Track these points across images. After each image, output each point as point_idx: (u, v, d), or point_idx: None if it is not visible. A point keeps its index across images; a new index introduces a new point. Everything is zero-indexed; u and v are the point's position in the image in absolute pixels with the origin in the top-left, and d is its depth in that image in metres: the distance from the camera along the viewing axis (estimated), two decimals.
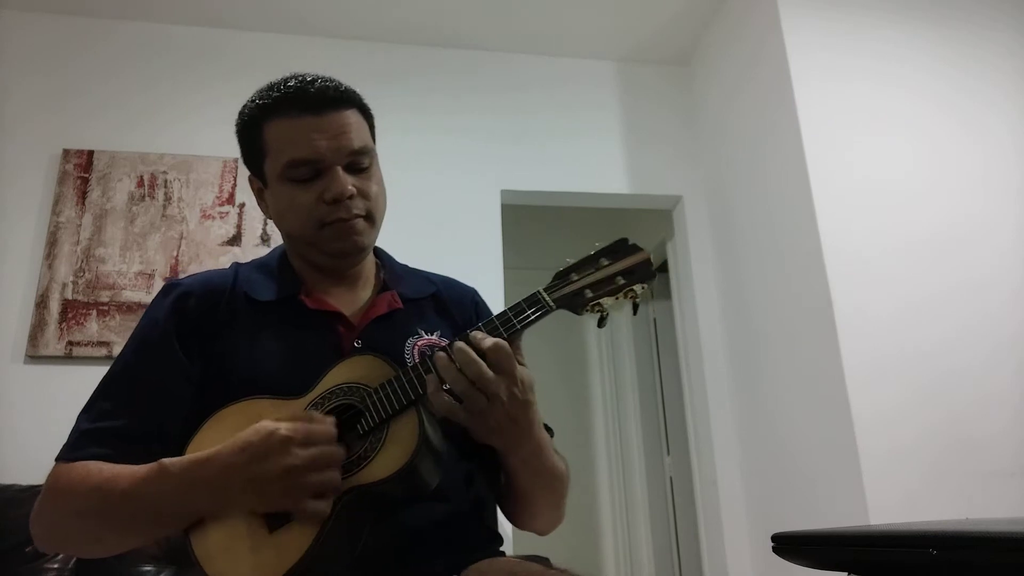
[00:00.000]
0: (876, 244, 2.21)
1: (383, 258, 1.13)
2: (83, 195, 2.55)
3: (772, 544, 0.94)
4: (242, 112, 1.01)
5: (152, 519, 0.85)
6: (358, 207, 0.97)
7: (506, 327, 0.86)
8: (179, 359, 0.94)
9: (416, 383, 0.84)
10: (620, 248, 0.92)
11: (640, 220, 3.71)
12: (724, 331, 2.82)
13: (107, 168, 2.59)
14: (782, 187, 2.42)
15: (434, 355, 0.84)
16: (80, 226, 2.51)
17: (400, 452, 0.81)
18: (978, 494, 1.95)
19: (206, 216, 2.61)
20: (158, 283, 2.50)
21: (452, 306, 1.09)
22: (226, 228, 2.61)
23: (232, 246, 2.59)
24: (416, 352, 0.98)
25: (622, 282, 0.89)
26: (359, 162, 0.98)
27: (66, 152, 2.58)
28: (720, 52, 2.91)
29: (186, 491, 0.81)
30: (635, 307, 0.91)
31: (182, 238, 2.57)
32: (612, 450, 3.90)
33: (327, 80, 1.00)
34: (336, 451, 0.79)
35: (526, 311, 0.87)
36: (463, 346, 0.82)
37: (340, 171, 0.95)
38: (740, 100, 2.75)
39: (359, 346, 0.96)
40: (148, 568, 1.93)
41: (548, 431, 1.03)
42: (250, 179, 1.05)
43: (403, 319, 1.02)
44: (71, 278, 2.45)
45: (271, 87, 0.99)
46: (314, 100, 0.96)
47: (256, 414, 0.86)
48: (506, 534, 1.04)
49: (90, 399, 0.94)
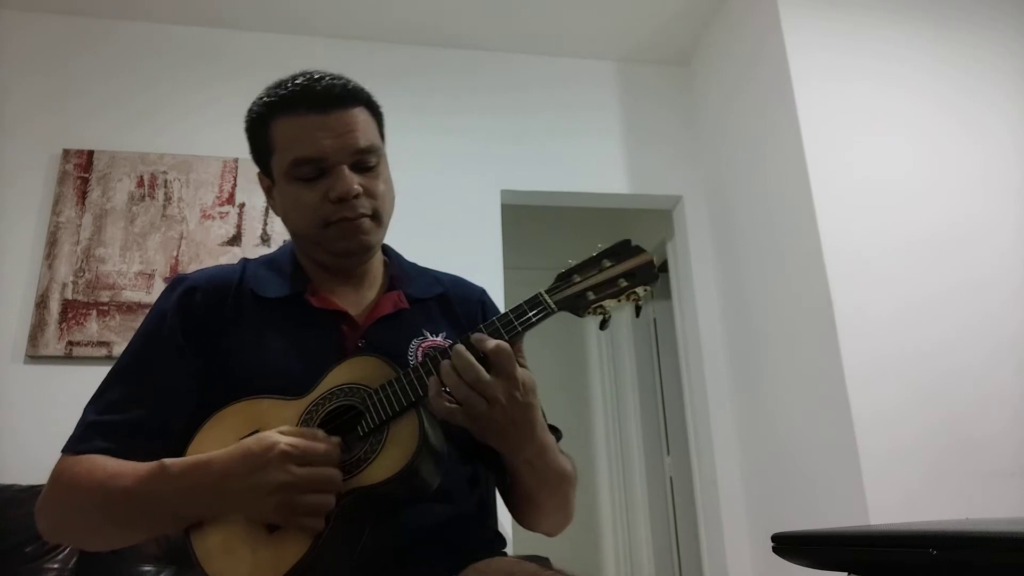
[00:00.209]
0: (876, 244, 2.21)
1: (392, 256, 1.12)
2: (83, 195, 2.55)
3: (772, 544, 0.94)
4: (250, 109, 1.01)
5: (151, 518, 0.85)
6: (364, 206, 0.96)
7: (507, 329, 0.85)
8: (184, 354, 0.94)
9: (416, 385, 0.83)
10: (623, 250, 0.91)
11: (640, 220, 3.71)
12: (724, 331, 2.82)
13: (107, 168, 2.59)
14: (782, 187, 2.42)
15: (435, 358, 0.84)
16: (80, 226, 2.51)
17: (400, 454, 0.80)
18: (978, 494, 1.95)
19: (206, 216, 2.61)
20: (158, 283, 2.50)
21: (458, 307, 1.08)
22: (226, 228, 2.61)
23: (232, 246, 2.59)
24: (420, 353, 0.98)
25: (624, 284, 0.88)
26: (366, 161, 0.97)
27: (66, 152, 2.58)
28: (720, 52, 2.91)
29: (184, 494, 0.81)
30: (637, 309, 0.90)
31: (182, 238, 2.57)
32: (612, 450, 3.90)
33: (335, 78, 0.98)
34: (333, 474, 0.78)
35: (527, 313, 0.86)
36: (461, 350, 0.82)
37: (346, 170, 0.94)
38: (740, 100, 2.75)
39: (362, 346, 0.96)
40: (148, 568, 1.93)
41: (556, 432, 1.03)
42: (259, 176, 1.04)
43: (408, 319, 1.02)
44: (71, 278, 2.45)
45: (279, 84, 0.98)
46: (321, 98, 0.95)
47: (257, 414, 0.86)
48: (506, 534, 1.04)
49: (97, 390, 0.94)
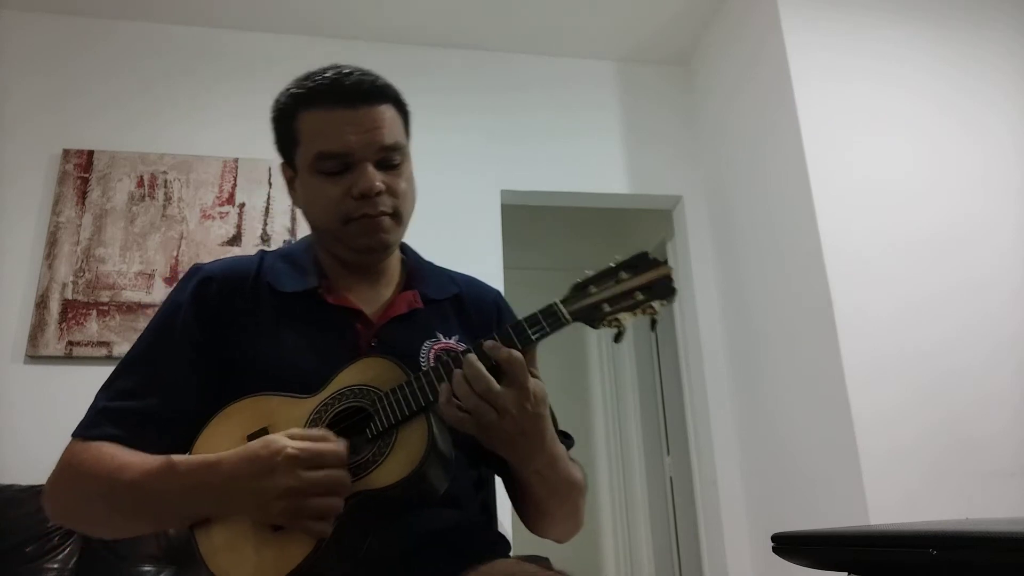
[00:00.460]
0: (876, 244, 2.21)
1: (409, 255, 1.11)
2: (83, 195, 2.55)
3: (772, 544, 0.94)
4: (277, 100, 1.00)
5: (156, 513, 0.86)
6: (385, 204, 0.95)
7: (520, 338, 0.84)
8: (197, 346, 0.94)
9: (427, 390, 0.83)
10: (640, 262, 0.88)
11: (640, 220, 3.71)
12: (724, 331, 2.82)
13: (107, 168, 2.59)
14: (782, 187, 2.42)
15: (446, 364, 0.83)
16: (80, 226, 2.51)
17: (408, 459, 0.80)
18: (978, 494, 1.95)
19: (206, 216, 2.61)
20: (158, 283, 2.50)
21: (472, 309, 1.07)
22: (226, 228, 2.61)
23: (232, 246, 2.59)
24: (432, 356, 0.97)
25: (641, 298, 0.86)
26: (390, 158, 0.96)
27: (66, 152, 2.58)
28: (720, 52, 2.91)
29: (190, 492, 0.81)
30: (653, 323, 0.89)
31: (182, 238, 2.57)
32: (612, 450, 3.90)
33: (365, 73, 0.98)
34: (342, 477, 0.78)
35: (541, 323, 0.85)
36: (473, 359, 0.81)
37: (370, 167, 0.94)
38: (740, 100, 2.75)
39: (375, 345, 0.95)
40: (148, 568, 1.94)
41: (567, 438, 1.03)
42: (282, 167, 1.04)
43: (422, 320, 1.01)
44: (71, 278, 2.45)
45: (308, 76, 0.98)
46: (349, 93, 0.95)
47: (267, 412, 0.86)
48: (507, 533, 1.04)
49: (110, 376, 0.94)
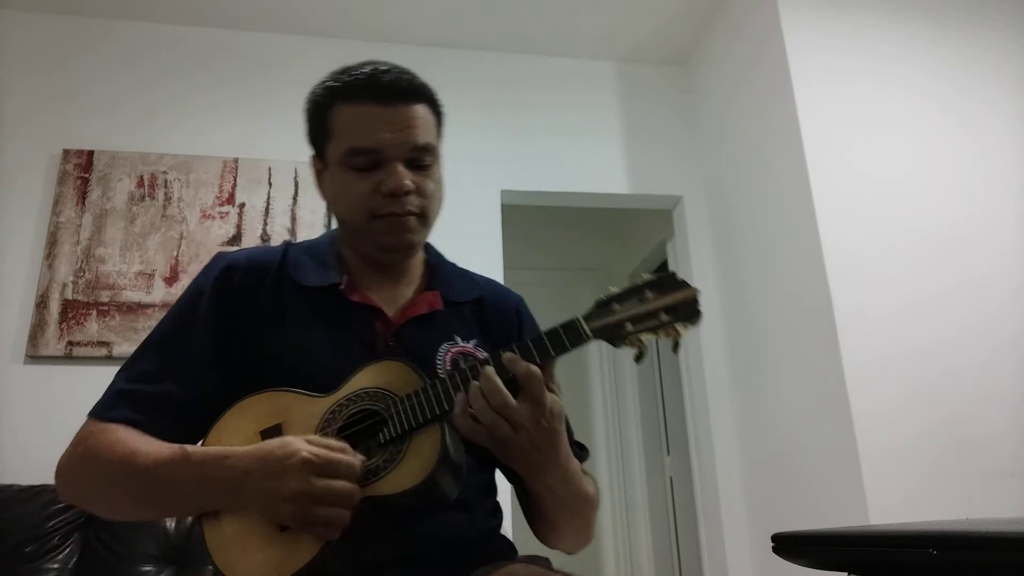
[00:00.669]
0: (876, 244, 2.21)
1: (432, 255, 1.10)
2: (83, 195, 2.55)
3: (772, 544, 0.94)
4: (313, 91, 1.00)
5: (167, 501, 0.86)
6: (412, 204, 0.95)
7: (540, 352, 0.83)
8: (217, 334, 0.94)
9: (443, 398, 0.82)
10: (667, 282, 0.87)
11: (640, 220, 3.71)
12: (724, 331, 2.82)
13: (107, 168, 2.59)
14: (782, 187, 2.42)
15: (463, 373, 0.83)
16: (80, 226, 2.51)
17: (419, 467, 0.80)
18: (978, 494, 1.95)
19: (206, 216, 2.61)
20: (158, 283, 2.50)
21: (493, 314, 1.07)
22: (226, 228, 2.61)
23: (232, 246, 2.59)
24: (449, 359, 0.96)
25: (665, 319, 0.84)
26: (420, 159, 0.96)
27: (66, 152, 2.58)
28: (720, 52, 2.91)
29: (201, 485, 0.82)
30: (675, 345, 0.86)
31: (182, 238, 2.57)
32: (612, 450, 3.90)
33: (402, 71, 0.97)
34: (352, 490, 0.77)
35: (562, 338, 0.84)
36: (490, 373, 0.81)
37: (400, 165, 0.94)
38: (740, 100, 2.75)
39: (392, 345, 0.95)
40: (148, 568, 1.94)
41: (582, 450, 1.03)
42: (312, 159, 1.04)
43: (441, 322, 1.01)
44: (71, 278, 2.45)
45: (345, 71, 0.97)
46: (385, 90, 0.94)
47: (282, 408, 0.86)
48: (507, 532, 1.04)
49: (129, 358, 0.95)
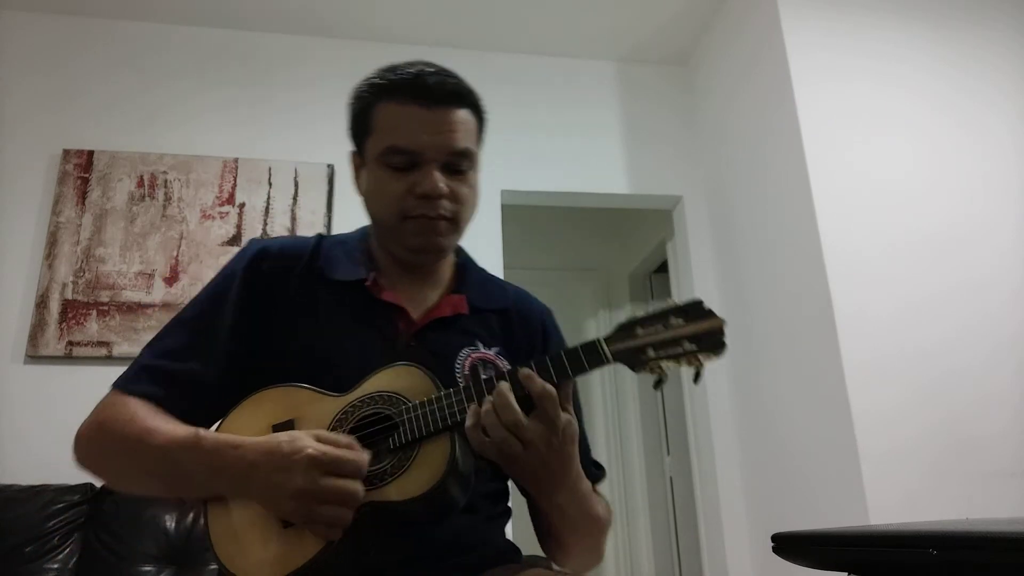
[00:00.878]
0: (876, 244, 2.21)
1: (463, 260, 1.10)
2: (83, 195, 2.55)
3: (772, 544, 0.94)
4: (358, 87, 1.00)
5: (175, 481, 0.87)
6: (445, 208, 0.95)
7: (557, 371, 0.82)
8: (243, 318, 0.95)
9: (456, 409, 0.82)
10: (694, 310, 0.85)
11: (640, 220, 3.71)
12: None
13: (107, 168, 2.59)
14: (782, 187, 2.42)
15: (478, 384, 0.83)
16: (80, 226, 2.51)
17: (426, 477, 0.79)
18: (978, 494, 1.95)
19: (206, 216, 2.61)
20: (158, 283, 2.50)
21: (518, 324, 1.06)
22: (226, 228, 2.61)
23: (232, 246, 2.59)
24: (468, 364, 0.96)
25: (689, 348, 0.83)
26: (458, 164, 0.96)
27: (66, 152, 2.58)
28: (720, 52, 2.91)
29: (209, 471, 0.82)
30: (696, 376, 0.84)
31: (182, 238, 2.57)
32: (612, 450, 3.90)
33: (448, 75, 0.97)
34: (356, 489, 0.77)
35: (581, 359, 0.82)
36: (504, 390, 0.80)
37: (436, 168, 0.94)
38: (740, 100, 2.75)
39: (413, 345, 0.95)
40: (148, 568, 1.94)
41: (599, 470, 1.03)
42: (351, 155, 1.04)
43: (464, 326, 1.00)
44: (71, 278, 2.45)
45: (391, 68, 0.97)
46: (428, 92, 0.94)
47: (295, 404, 0.87)
48: (507, 532, 1.04)
49: (158, 333, 0.96)
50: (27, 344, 2.36)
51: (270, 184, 2.68)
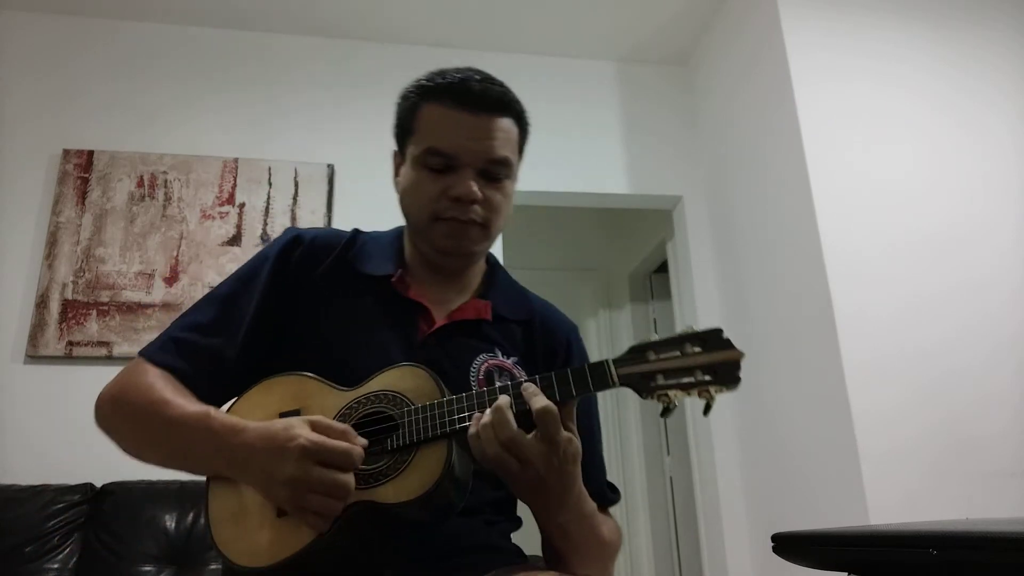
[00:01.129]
0: (876, 244, 2.21)
1: (493, 267, 1.11)
2: (83, 195, 2.55)
3: (772, 544, 0.94)
4: (406, 88, 1.02)
5: (181, 457, 0.89)
6: (477, 213, 0.96)
7: (561, 390, 0.80)
8: (270, 301, 0.97)
9: (456, 417, 0.81)
10: (712, 339, 0.82)
11: (640, 220, 3.71)
12: (724, 331, 2.81)
13: (107, 168, 2.59)
14: (782, 187, 2.42)
15: (482, 396, 0.82)
16: (80, 226, 2.51)
17: (419, 482, 0.79)
18: (978, 494, 1.95)
19: (206, 216, 2.61)
20: (158, 283, 2.50)
21: (541, 337, 1.05)
22: (226, 228, 2.61)
23: (232, 246, 2.59)
24: (483, 370, 0.96)
25: (703, 378, 0.79)
26: (495, 171, 0.97)
27: (66, 152, 2.58)
28: (720, 52, 2.91)
29: (214, 451, 0.84)
30: (707, 408, 0.80)
31: (182, 238, 2.57)
32: (612, 450, 3.90)
33: (494, 83, 0.99)
34: (345, 481, 0.77)
35: (587, 380, 0.80)
36: (503, 405, 0.78)
37: (471, 173, 0.95)
38: (740, 100, 2.75)
39: (431, 345, 0.96)
40: (148, 568, 1.94)
41: (614, 492, 1.02)
42: (394, 154, 1.06)
43: (485, 332, 1.00)
44: (71, 278, 2.45)
45: (440, 72, 0.99)
46: (473, 98, 0.95)
47: (304, 394, 0.88)
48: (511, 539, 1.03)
49: (190, 308, 0.99)
50: (27, 344, 2.36)
51: (270, 184, 2.68)
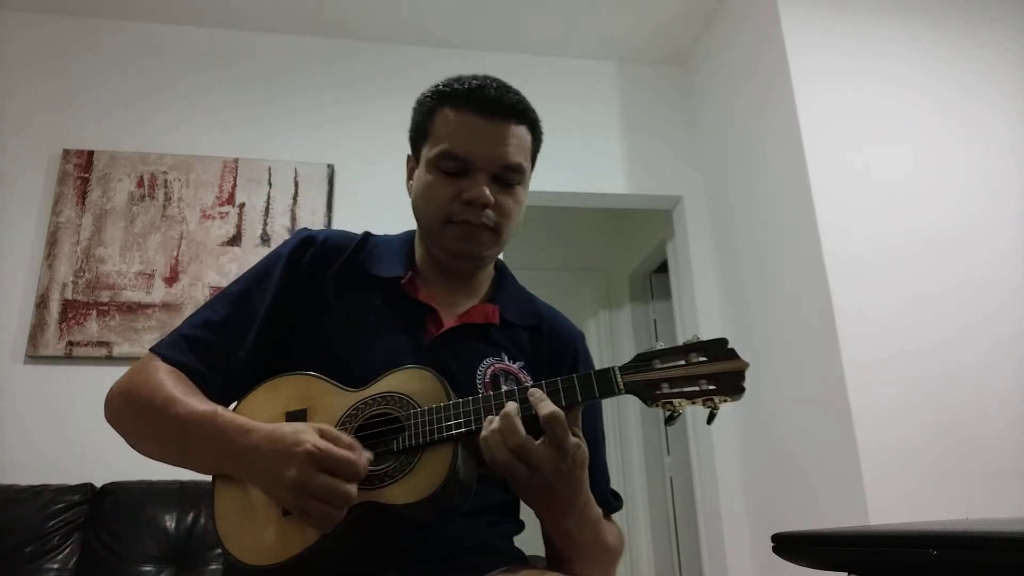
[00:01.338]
0: (876, 244, 2.21)
1: (502, 273, 1.12)
2: (83, 195, 2.55)
3: (772, 544, 0.94)
4: (423, 93, 1.04)
5: (187, 454, 0.89)
6: (489, 217, 0.97)
7: (567, 396, 0.81)
8: (280, 300, 0.98)
9: (462, 420, 0.81)
10: (717, 348, 0.82)
11: (640, 220, 3.71)
12: (724, 331, 2.81)
13: (107, 168, 2.59)
14: (782, 187, 2.42)
15: (487, 400, 0.82)
16: (80, 226, 2.51)
17: (425, 483, 0.79)
18: (978, 494, 1.95)
19: (206, 216, 2.61)
20: (158, 283, 2.50)
21: (548, 343, 1.06)
22: (226, 228, 2.61)
23: (232, 246, 2.59)
24: (489, 374, 0.97)
25: (707, 387, 0.79)
26: (508, 177, 0.98)
27: (66, 152, 2.58)
28: (720, 52, 2.91)
29: (219, 449, 0.84)
30: (711, 417, 0.80)
31: (182, 238, 2.57)
32: (612, 451, 3.89)
33: (510, 91, 1.01)
34: (348, 491, 0.77)
35: (593, 386, 0.81)
36: (511, 411, 0.78)
37: (485, 177, 0.96)
38: (740, 100, 2.75)
39: (439, 347, 0.96)
40: (148, 568, 1.94)
41: (617, 500, 1.03)
42: (408, 157, 1.08)
43: (493, 336, 1.01)
44: (71, 278, 2.45)
45: (457, 79, 1.01)
46: (489, 104, 0.97)
47: (310, 394, 0.89)
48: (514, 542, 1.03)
49: (202, 306, 0.99)
50: (27, 344, 2.36)
51: (270, 184, 2.68)
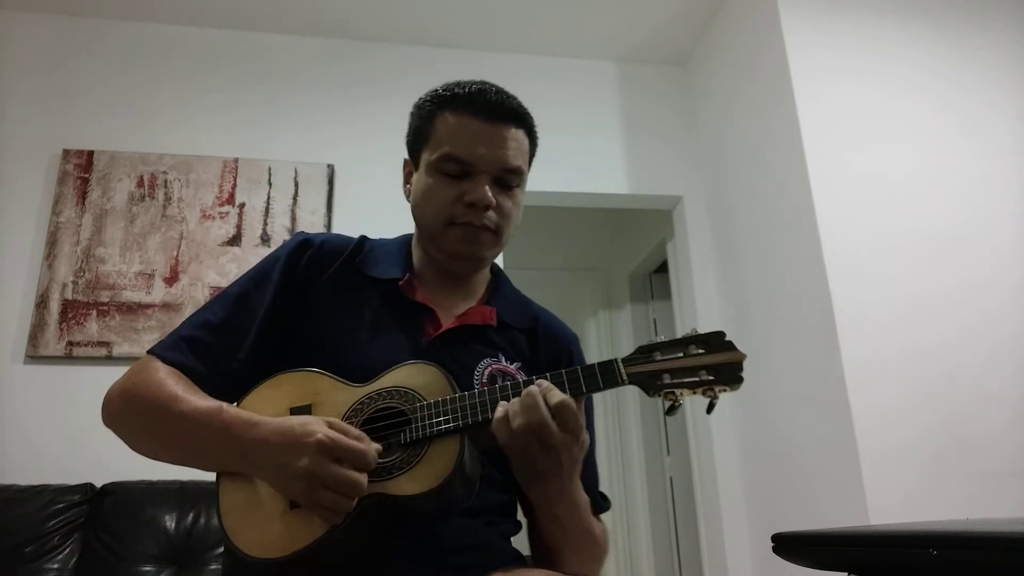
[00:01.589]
0: (876, 244, 2.21)
1: (499, 277, 1.14)
2: (83, 195, 2.55)
3: (772, 544, 0.94)
4: (421, 98, 1.06)
5: (191, 452, 0.89)
6: (490, 219, 0.99)
7: (572, 386, 0.84)
8: (279, 302, 0.99)
9: (468, 412, 0.83)
10: (715, 341, 0.86)
11: (640, 220, 3.71)
12: (724, 331, 2.81)
13: (107, 168, 2.59)
14: (782, 187, 2.42)
15: (493, 392, 0.85)
16: (80, 226, 2.51)
17: (433, 474, 0.81)
18: (978, 494, 1.95)
19: (206, 216, 2.61)
20: (158, 283, 2.50)
21: (544, 346, 1.08)
22: (226, 228, 2.61)
23: (232, 246, 2.59)
24: (487, 374, 0.99)
25: (706, 378, 0.84)
26: (508, 179, 1.00)
27: (66, 152, 2.58)
28: (720, 52, 2.91)
29: (225, 444, 0.84)
30: (710, 407, 0.85)
31: (182, 238, 2.57)
32: (612, 450, 3.90)
33: (508, 96, 1.03)
34: (359, 480, 0.78)
35: (597, 377, 0.84)
36: (535, 391, 0.81)
37: (487, 180, 0.98)
38: (740, 100, 2.75)
39: (437, 347, 0.97)
40: (148, 568, 1.94)
41: (605, 501, 1.06)
42: (405, 161, 1.09)
43: (490, 338, 1.03)
44: (71, 278, 2.45)
45: (456, 84, 1.03)
46: (489, 108, 0.99)
47: (315, 390, 0.90)
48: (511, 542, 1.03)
49: (201, 307, 1.00)
50: (27, 344, 2.35)
51: (270, 184, 2.68)
